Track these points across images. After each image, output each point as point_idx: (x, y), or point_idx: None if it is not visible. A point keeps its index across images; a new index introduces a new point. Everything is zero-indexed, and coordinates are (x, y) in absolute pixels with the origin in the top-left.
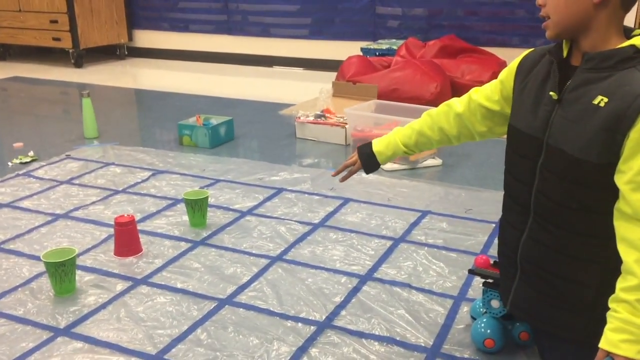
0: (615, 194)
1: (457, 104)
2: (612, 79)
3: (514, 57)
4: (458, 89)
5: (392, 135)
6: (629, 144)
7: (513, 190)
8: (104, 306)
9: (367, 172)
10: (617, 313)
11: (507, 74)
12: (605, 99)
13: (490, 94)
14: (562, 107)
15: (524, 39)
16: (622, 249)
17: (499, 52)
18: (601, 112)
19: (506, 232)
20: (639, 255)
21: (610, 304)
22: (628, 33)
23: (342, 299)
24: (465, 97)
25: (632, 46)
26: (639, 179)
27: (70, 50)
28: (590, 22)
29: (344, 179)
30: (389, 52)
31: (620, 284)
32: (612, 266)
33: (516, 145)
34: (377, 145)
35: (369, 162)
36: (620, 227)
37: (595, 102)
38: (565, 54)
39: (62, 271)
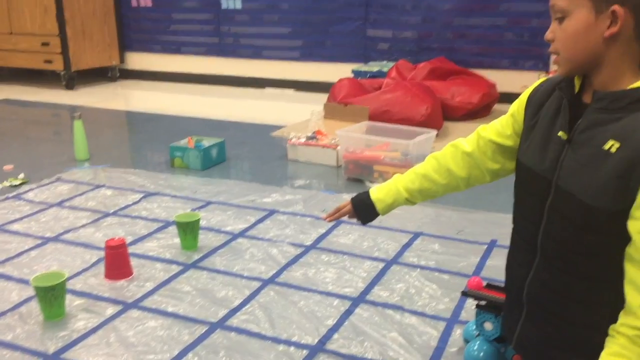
0: (626, 239)
1: (464, 143)
2: (623, 121)
3: (503, 80)
4: (448, 111)
5: (391, 181)
6: None
7: (521, 227)
8: (93, 331)
9: (364, 222)
10: (616, 339)
11: (518, 107)
12: (617, 144)
13: (502, 129)
14: (572, 148)
15: (512, 62)
16: (628, 289)
17: (488, 74)
18: (613, 158)
19: (512, 269)
20: None
21: (610, 331)
22: None
23: (334, 322)
24: (472, 136)
25: None
26: None
27: (62, 72)
28: (602, 57)
29: (331, 218)
30: (380, 74)
31: (622, 319)
32: (620, 310)
33: (524, 182)
34: (376, 193)
35: (366, 211)
36: (630, 270)
37: (606, 147)
38: (577, 89)
39: (51, 295)
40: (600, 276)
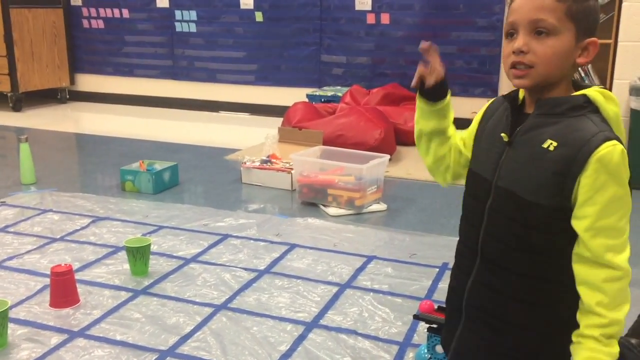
0: (565, 236)
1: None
2: (562, 124)
3: (453, 105)
4: (401, 135)
5: None
6: (581, 190)
7: (464, 233)
8: None
9: (427, 91)
10: (583, 345)
11: (475, 122)
12: (555, 143)
13: (465, 139)
14: (512, 149)
15: (463, 88)
16: (583, 291)
17: None
18: (551, 155)
19: (455, 278)
20: (602, 297)
21: (574, 338)
22: (576, 85)
23: (287, 348)
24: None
25: (584, 95)
26: (597, 225)
27: (9, 94)
28: (563, 78)
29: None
30: (334, 99)
31: (583, 321)
32: (560, 311)
33: (470, 187)
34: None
35: (441, 87)
36: (580, 271)
37: (545, 145)
38: (520, 101)
39: None
40: (541, 275)
